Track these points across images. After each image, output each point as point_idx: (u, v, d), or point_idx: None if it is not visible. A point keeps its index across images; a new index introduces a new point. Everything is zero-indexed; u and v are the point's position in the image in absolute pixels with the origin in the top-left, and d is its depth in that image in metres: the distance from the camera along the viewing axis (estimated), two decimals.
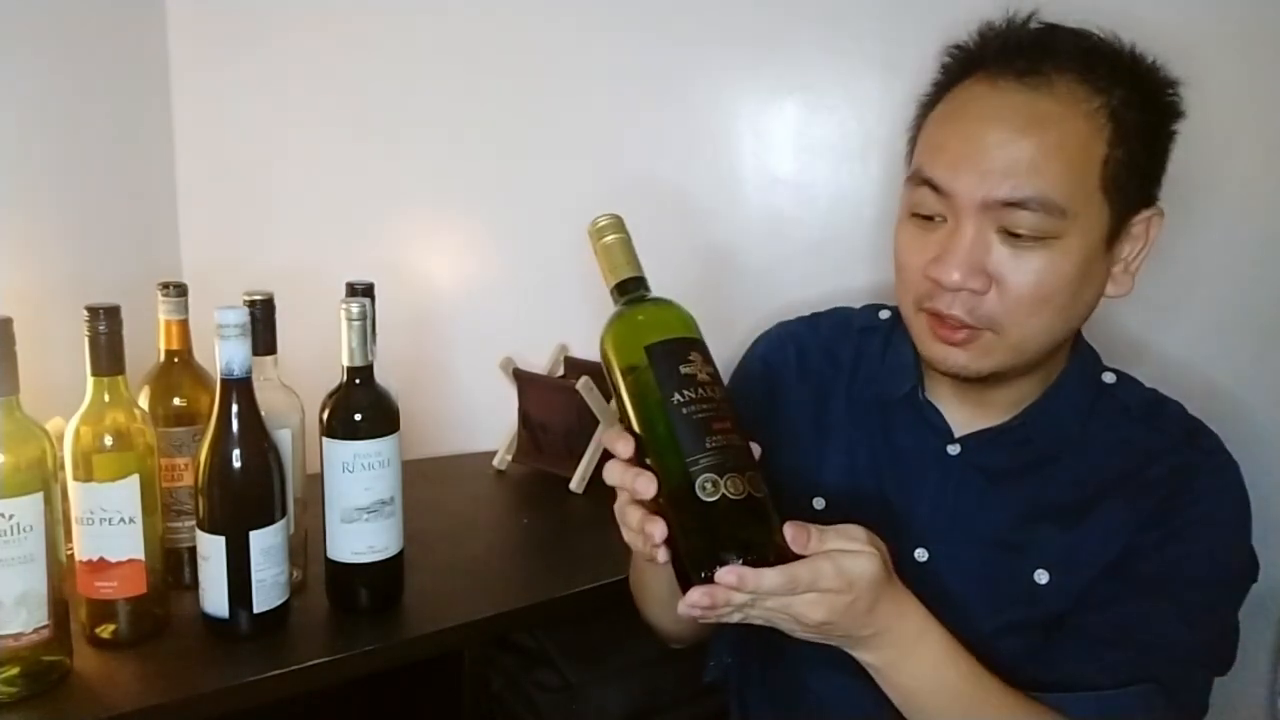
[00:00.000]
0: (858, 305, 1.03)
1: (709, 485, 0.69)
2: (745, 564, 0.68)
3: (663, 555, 0.72)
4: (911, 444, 0.91)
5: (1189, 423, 0.88)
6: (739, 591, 0.67)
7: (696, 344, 0.75)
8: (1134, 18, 0.84)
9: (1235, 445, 0.87)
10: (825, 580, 0.69)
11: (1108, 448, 0.86)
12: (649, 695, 1.24)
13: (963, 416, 0.90)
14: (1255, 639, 1.13)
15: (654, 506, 0.73)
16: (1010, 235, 0.78)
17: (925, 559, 0.87)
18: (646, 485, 0.72)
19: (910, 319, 0.87)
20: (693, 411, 0.71)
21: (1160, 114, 0.82)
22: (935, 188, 0.81)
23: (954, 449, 0.89)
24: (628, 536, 0.77)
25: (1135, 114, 0.80)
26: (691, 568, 0.70)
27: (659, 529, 0.70)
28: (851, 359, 0.97)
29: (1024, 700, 0.79)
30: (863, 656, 0.78)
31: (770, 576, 0.68)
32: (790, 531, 0.70)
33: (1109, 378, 0.91)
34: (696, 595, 0.68)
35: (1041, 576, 0.84)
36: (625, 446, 0.74)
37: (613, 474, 0.75)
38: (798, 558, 0.69)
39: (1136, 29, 0.83)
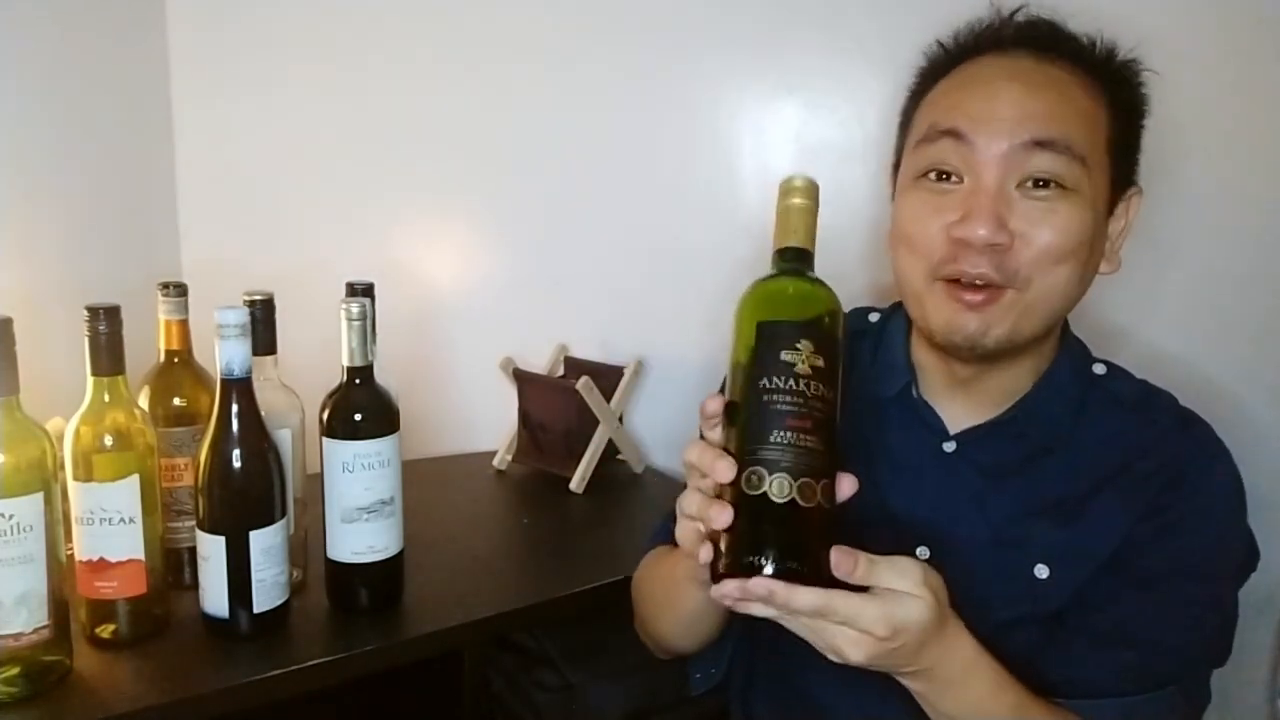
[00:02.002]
0: (860, 304, 1.03)
1: (754, 478, 0.66)
2: (777, 573, 0.65)
3: (705, 553, 0.69)
4: (907, 443, 0.91)
5: (1181, 413, 0.89)
6: (768, 604, 0.66)
7: (816, 332, 0.69)
8: (1105, 14, 0.87)
9: (1227, 438, 0.87)
10: (866, 621, 0.67)
11: (1102, 440, 0.87)
12: (648, 696, 1.24)
13: (956, 413, 0.90)
14: (1255, 639, 1.13)
15: (717, 494, 0.70)
16: (1030, 190, 0.80)
17: (926, 557, 0.87)
18: (726, 469, 0.68)
19: (922, 293, 0.85)
20: (772, 400, 0.67)
21: (1137, 97, 0.86)
22: (957, 136, 0.81)
23: (950, 446, 0.89)
24: (680, 529, 0.74)
25: (1121, 94, 0.84)
26: (724, 556, 0.68)
27: (725, 515, 0.67)
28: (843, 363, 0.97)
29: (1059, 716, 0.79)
30: (904, 682, 0.77)
31: (804, 596, 0.65)
32: (836, 556, 0.66)
33: (1099, 369, 0.91)
34: (730, 587, 0.66)
35: (1041, 571, 0.84)
36: (714, 404, 0.71)
37: (692, 451, 0.72)
38: (839, 582, 0.67)
39: (1109, 25, 0.86)
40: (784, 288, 0.72)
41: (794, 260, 0.74)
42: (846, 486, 0.69)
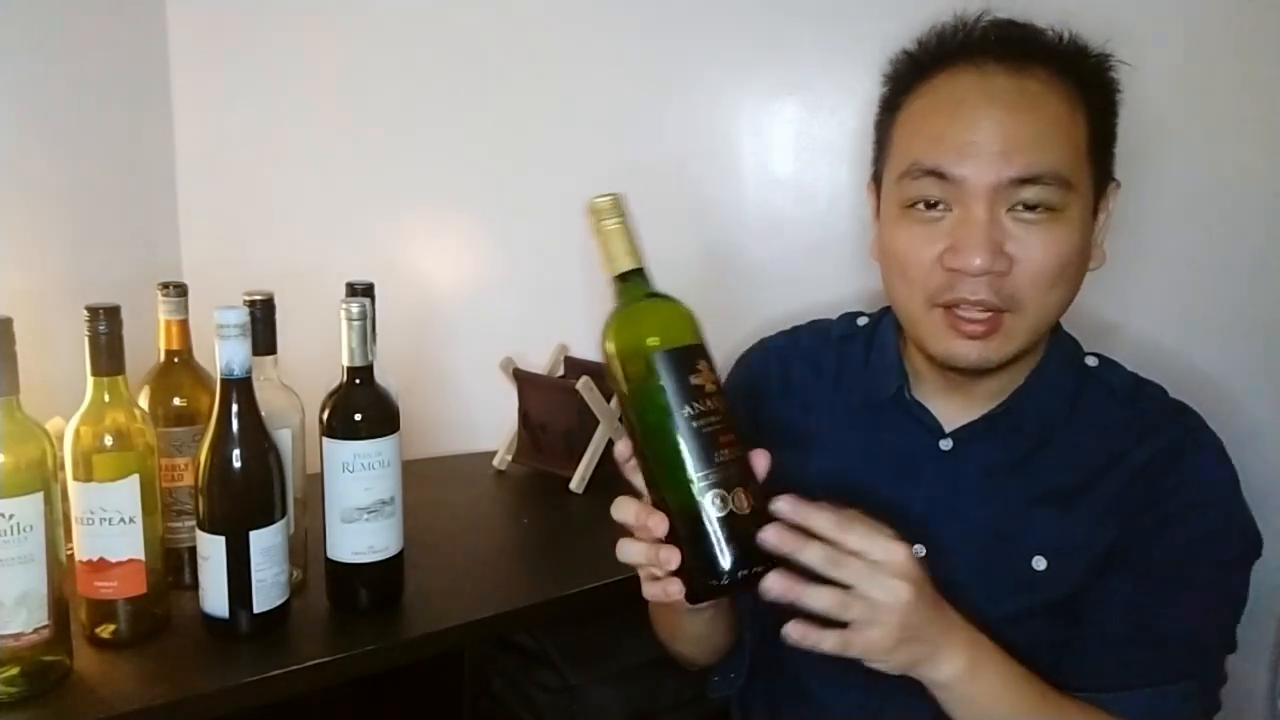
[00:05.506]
0: (855, 307, 1.03)
1: (719, 500, 0.69)
2: (753, 575, 0.69)
3: (676, 589, 0.73)
4: (903, 443, 0.92)
5: (1171, 402, 0.90)
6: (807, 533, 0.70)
7: (702, 350, 0.73)
8: (1073, 8, 0.87)
9: (1217, 430, 0.88)
10: (878, 549, 0.71)
11: (1096, 430, 0.87)
12: (649, 697, 1.24)
13: (950, 411, 0.91)
14: (1256, 638, 1.13)
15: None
16: (1021, 213, 0.80)
17: (922, 555, 0.87)
18: (659, 523, 0.72)
19: (919, 319, 0.85)
20: (702, 426, 0.70)
21: (1111, 91, 0.86)
22: (941, 176, 0.81)
23: (946, 444, 0.90)
24: (647, 590, 0.77)
25: (1095, 91, 0.83)
26: (697, 578, 0.70)
27: (675, 557, 0.71)
28: (834, 366, 0.98)
29: (1082, 708, 0.80)
30: (938, 671, 0.76)
31: (821, 515, 0.71)
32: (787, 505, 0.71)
33: (1091, 361, 0.92)
34: (771, 534, 0.70)
35: (1040, 563, 0.85)
36: (625, 448, 0.75)
37: (625, 511, 0.75)
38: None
39: (1077, 20, 0.86)
40: (659, 312, 0.74)
41: (638, 281, 0.75)
42: (762, 464, 0.73)
